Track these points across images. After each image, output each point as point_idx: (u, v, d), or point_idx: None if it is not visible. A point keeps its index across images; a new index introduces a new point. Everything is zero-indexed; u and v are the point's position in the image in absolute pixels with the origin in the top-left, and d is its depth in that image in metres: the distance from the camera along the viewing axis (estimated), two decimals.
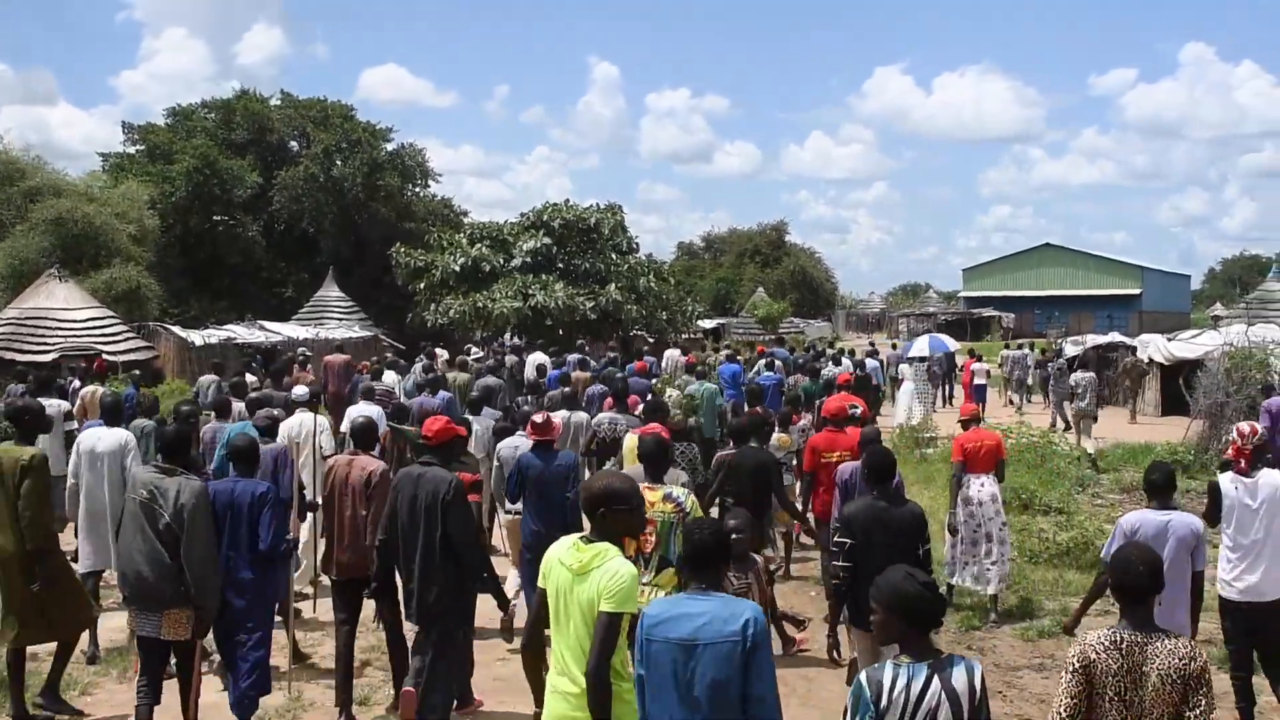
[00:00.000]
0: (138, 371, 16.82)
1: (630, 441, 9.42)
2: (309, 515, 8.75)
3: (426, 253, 36.57)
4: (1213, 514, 7.09)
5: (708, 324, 52.13)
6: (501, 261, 35.41)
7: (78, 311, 27.18)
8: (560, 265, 35.77)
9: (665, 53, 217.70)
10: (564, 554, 4.72)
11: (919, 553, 6.41)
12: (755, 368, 20.73)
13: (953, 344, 29.35)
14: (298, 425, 10.30)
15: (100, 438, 8.96)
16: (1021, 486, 14.07)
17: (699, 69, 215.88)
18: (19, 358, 23.78)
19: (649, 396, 13.53)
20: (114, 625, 9.33)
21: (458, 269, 35.22)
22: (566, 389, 13.91)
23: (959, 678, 3.87)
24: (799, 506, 10.11)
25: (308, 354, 22.32)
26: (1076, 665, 4.24)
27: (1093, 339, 31.05)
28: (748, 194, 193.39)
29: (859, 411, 11.24)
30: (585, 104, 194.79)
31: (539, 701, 4.92)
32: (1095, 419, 19.61)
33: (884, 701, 3.85)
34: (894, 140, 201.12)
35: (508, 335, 33.01)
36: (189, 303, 41.63)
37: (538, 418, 8.50)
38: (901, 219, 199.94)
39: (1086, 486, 15.97)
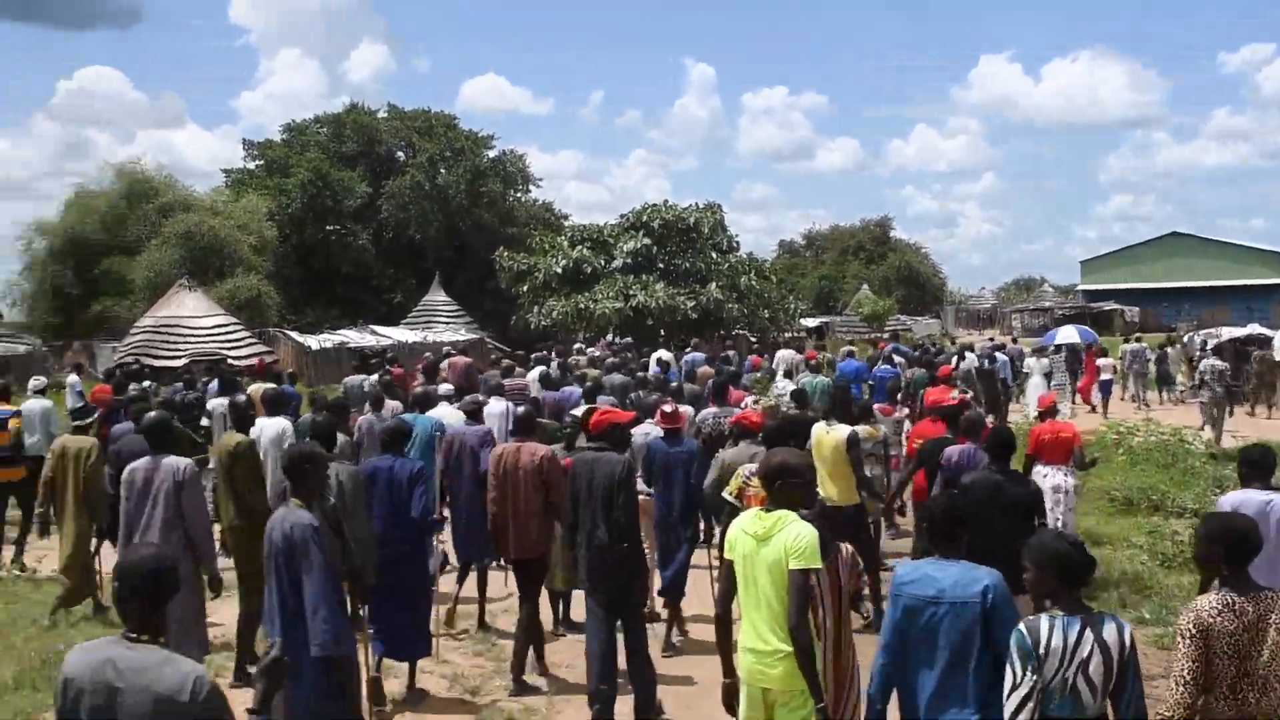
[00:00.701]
0: (293, 371, 18.63)
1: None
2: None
3: (529, 256, 37.21)
4: None
5: (810, 322, 51.99)
6: (602, 263, 35.94)
7: (205, 319, 29.03)
8: (660, 265, 36.04)
9: (761, 51, 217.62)
10: (747, 524, 5.16)
11: (1034, 527, 6.63)
12: (876, 363, 20.50)
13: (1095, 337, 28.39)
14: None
15: (263, 428, 9.97)
16: (1151, 487, 13.58)
17: (796, 66, 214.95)
18: (154, 363, 25.73)
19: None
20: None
21: (560, 271, 35.72)
22: (692, 384, 14.59)
23: (1110, 632, 4.19)
24: (895, 493, 10.76)
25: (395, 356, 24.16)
26: (1194, 631, 4.36)
27: (1228, 332, 29.22)
28: (850, 190, 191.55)
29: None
30: (681, 105, 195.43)
31: (728, 671, 5.19)
32: (1227, 408, 19.27)
33: (1042, 649, 4.18)
34: (1003, 130, 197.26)
35: (609, 335, 33.55)
36: (305, 309, 43.41)
37: (667, 408, 9.11)
38: (1013, 211, 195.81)
39: (1225, 487, 13.56)
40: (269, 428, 10.04)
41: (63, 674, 3.55)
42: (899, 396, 15.12)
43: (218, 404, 12.72)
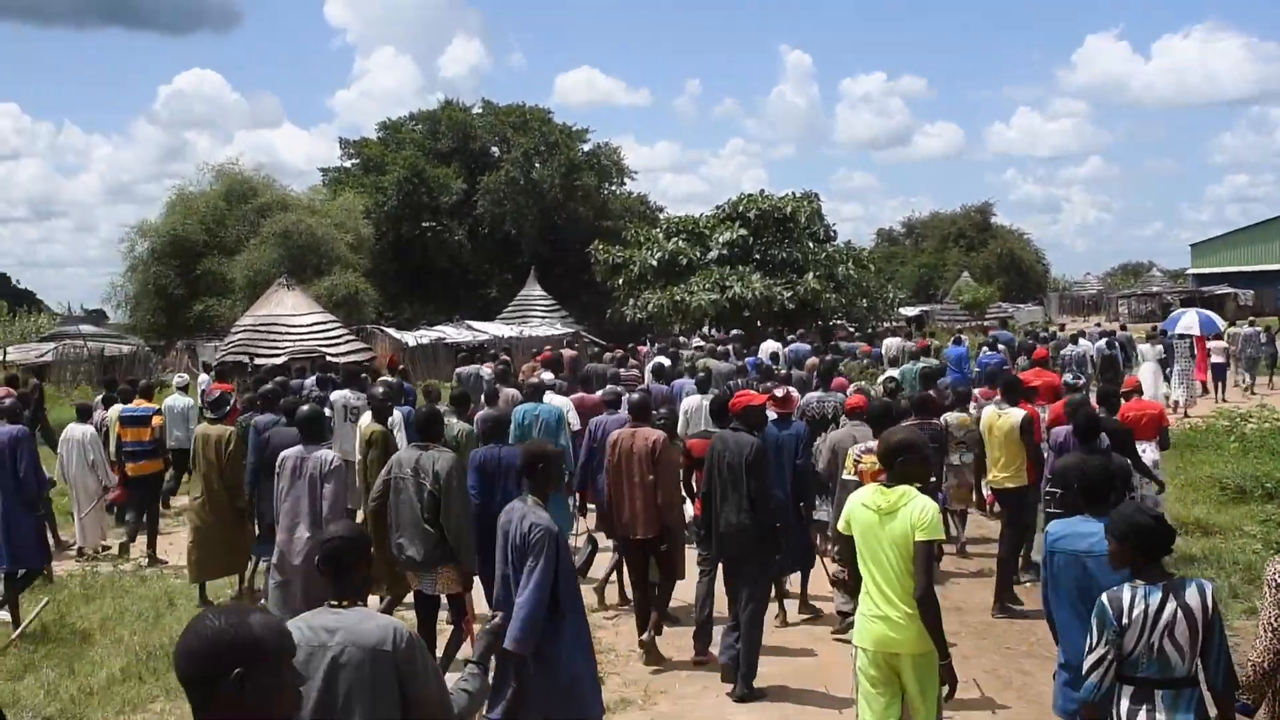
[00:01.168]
0: (403, 367, 18.84)
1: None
2: None
3: (624, 249, 36.99)
4: None
5: (910, 311, 51.08)
6: (698, 255, 35.56)
7: (304, 316, 29.05)
8: (757, 256, 35.53)
9: (858, 36, 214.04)
10: (867, 499, 5.51)
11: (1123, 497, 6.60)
12: (980, 349, 21.12)
13: (1221, 322, 27.30)
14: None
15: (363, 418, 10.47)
16: (1265, 475, 13.15)
17: (895, 51, 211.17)
18: (255, 360, 25.67)
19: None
20: None
21: (655, 264, 35.50)
22: (800, 372, 15.01)
23: (1192, 596, 4.35)
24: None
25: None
26: (1279, 581, 4.57)
27: None
28: (950, 176, 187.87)
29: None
30: (778, 94, 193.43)
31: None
32: None
33: (1125, 620, 4.37)
34: (1109, 112, 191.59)
35: (705, 327, 33.34)
36: (402, 306, 43.63)
37: (779, 392, 9.51)
38: (1120, 195, 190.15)
39: None
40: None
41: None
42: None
43: (339, 396, 13.13)
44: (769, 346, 22.64)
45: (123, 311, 41.05)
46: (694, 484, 9.33)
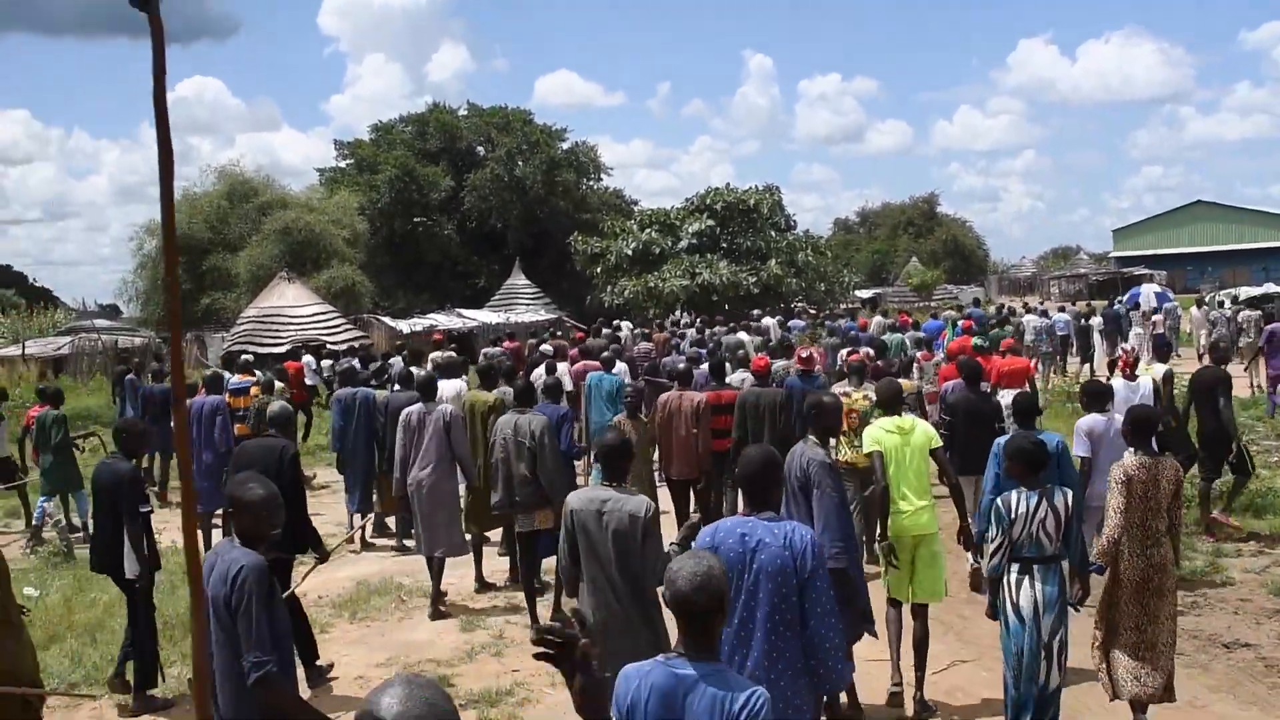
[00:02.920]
0: (454, 345, 19.97)
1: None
2: None
3: (602, 240, 36.99)
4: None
5: (864, 293, 51.18)
6: (670, 244, 35.67)
7: (304, 307, 28.70)
8: (724, 245, 35.71)
9: (815, 41, 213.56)
10: (889, 426, 6.97)
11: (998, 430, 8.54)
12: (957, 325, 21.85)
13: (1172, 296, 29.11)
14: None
15: (443, 387, 10.66)
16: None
17: (848, 54, 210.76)
18: (259, 350, 25.33)
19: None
20: (344, 575, 10.18)
21: (630, 253, 35.62)
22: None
23: (1059, 499, 5.57)
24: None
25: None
26: (1122, 478, 5.90)
27: (1245, 291, 29.76)
28: (900, 170, 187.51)
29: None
30: (742, 94, 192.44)
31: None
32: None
33: (1013, 514, 5.57)
34: (1041, 110, 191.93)
35: (678, 312, 33.26)
36: (396, 296, 43.27)
37: (803, 353, 11.29)
38: (1051, 185, 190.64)
39: (1243, 435, 14.38)
40: (447, 388, 11.04)
41: (568, 507, 5.30)
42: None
43: (395, 363, 14.10)
44: (768, 323, 23.79)
45: (134, 306, 40.23)
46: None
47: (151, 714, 6.97)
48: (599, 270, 36.32)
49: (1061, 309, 27.09)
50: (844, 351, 14.42)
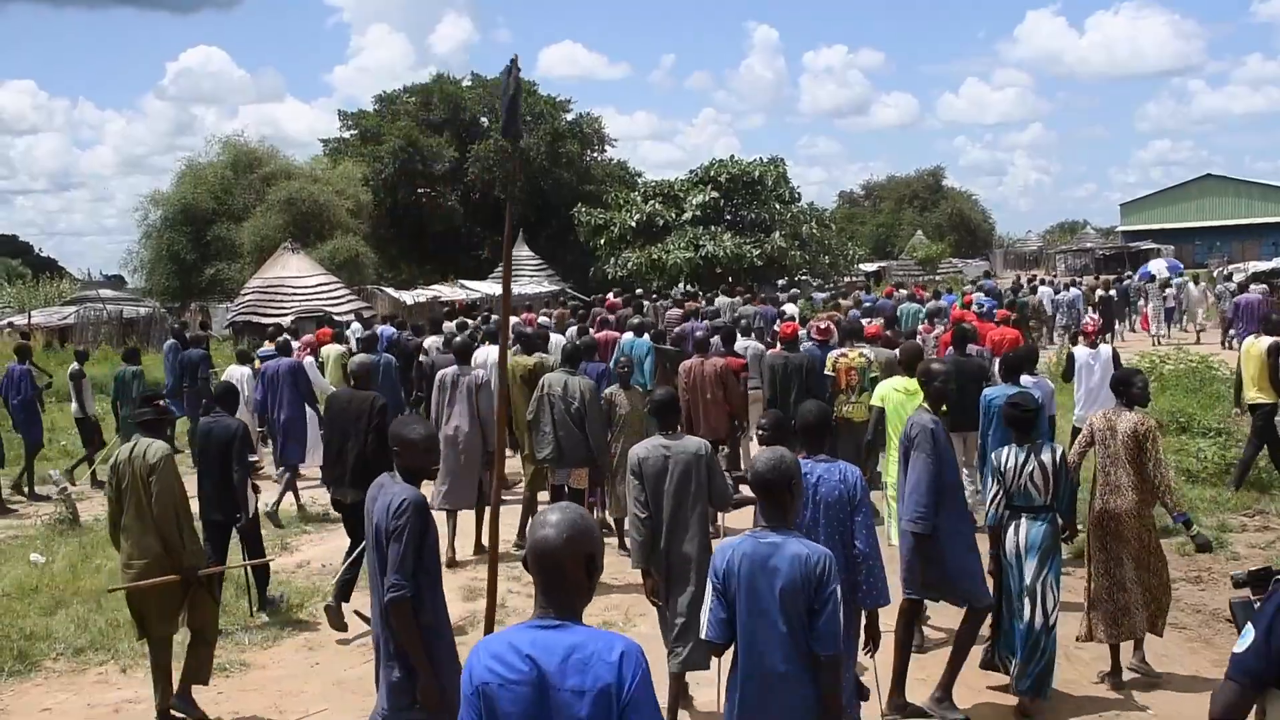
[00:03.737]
0: (486, 312, 20.41)
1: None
2: None
3: (605, 212, 36.78)
4: (1069, 372, 10.92)
5: (869, 267, 51.05)
6: (673, 216, 35.42)
7: (308, 278, 28.75)
8: (728, 217, 35.54)
9: (821, 12, 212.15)
10: (896, 384, 8.03)
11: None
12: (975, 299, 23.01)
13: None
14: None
15: (488, 354, 11.32)
16: (1180, 410, 13.58)
17: (854, 26, 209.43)
18: (263, 320, 25.38)
19: None
20: (348, 544, 10.14)
21: (634, 225, 35.42)
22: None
23: (1046, 454, 6.05)
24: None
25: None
26: (1088, 432, 6.62)
27: (1254, 266, 29.72)
28: (905, 143, 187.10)
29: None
30: (746, 66, 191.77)
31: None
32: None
33: (1004, 468, 6.09)
34: (1048, 82, 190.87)
35: (681, 284, 33.21)
36: (400, 267, 43.21)
37: (821, 324, 12.03)
38: (1058, 158, 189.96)
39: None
40: (491, 354, 11.41)
41: (634, 456, 6.00)
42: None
43: (434, 342, 14.42)
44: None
45: (139, 276, 40.27)
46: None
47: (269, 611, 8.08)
48: (602, 242, 36.16)
49: (1074, 283, 27.99)
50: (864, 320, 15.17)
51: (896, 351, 9.51)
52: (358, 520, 7.44)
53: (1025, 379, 8.54)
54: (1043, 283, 26.37)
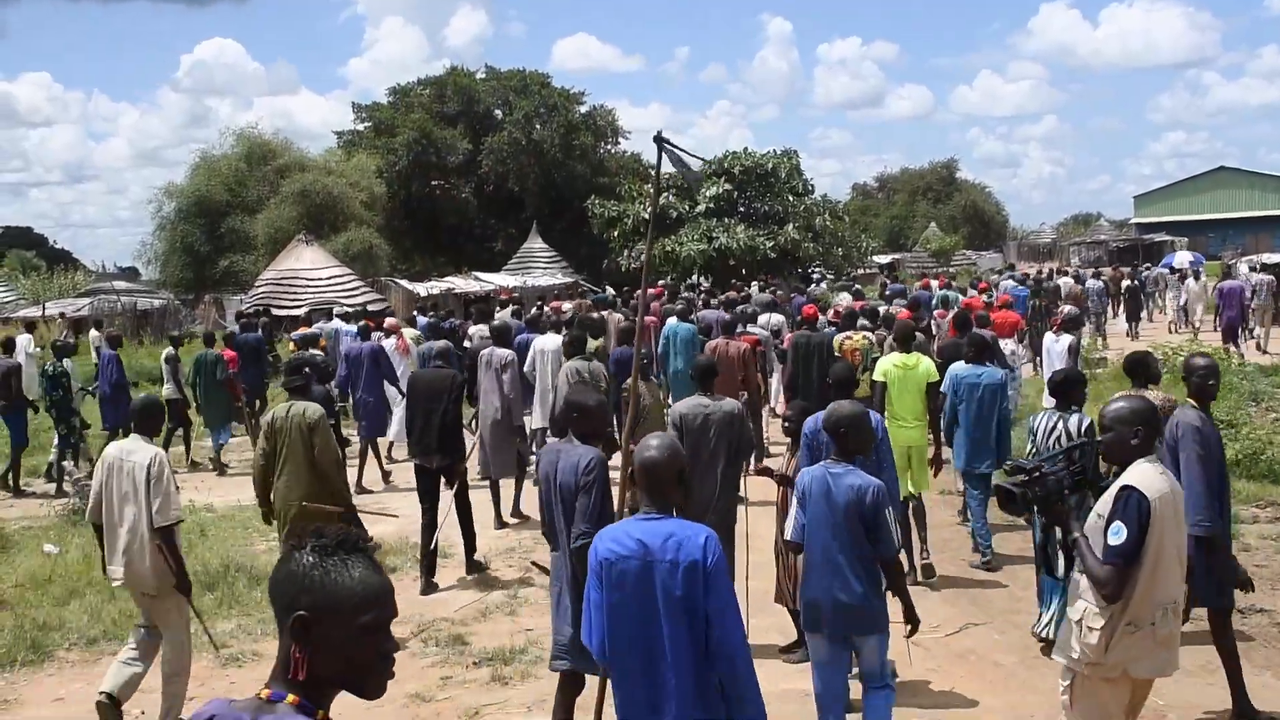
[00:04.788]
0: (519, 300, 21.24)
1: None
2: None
3: (619, 204, 36.63)
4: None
5: (882, 259, 50.89)
6: (687, 208, 35.23)
7: (322, 270, 28.71)
8: (741, 209, 35.28)
9: (834, 3, 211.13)
10: (895, 360, 8.81)
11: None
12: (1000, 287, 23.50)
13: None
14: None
15: (544, 341, 11.83)
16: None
17: (868, 18, 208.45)
18: (278, 312, 25.38)
19: None
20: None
21: (647, 217, 35.31)
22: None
23: (1073, 421, 6.71)
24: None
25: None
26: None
27: (1268, 258, 29.64)
28: (919, 135, 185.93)
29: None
30: (760, 59, 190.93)
31: None
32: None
33: (1038, 432, 6.77)
34: (1062, 74, 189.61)
35: (694, 276, 33.06)
36: (413, 259, 43.26)
37: (841, 307, 14.06)
38: (1072, 151, 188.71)
39: (1261, 400, 14.65)
40: (549, 341, 11.95)
41: (676, 412, 7.11)
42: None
43: (478, 330, 14.75)
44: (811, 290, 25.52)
45: (153, 268, 40.38)
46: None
47: (478, 573, 8.80)
48: (616, 234, 35.97)
49: (1097, 274, 28.48)
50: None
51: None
52: (435, 484, 8.72)
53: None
54: (1061, 274, 26.29)
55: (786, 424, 6.70)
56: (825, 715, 5.05)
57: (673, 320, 14.07)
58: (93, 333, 21.72)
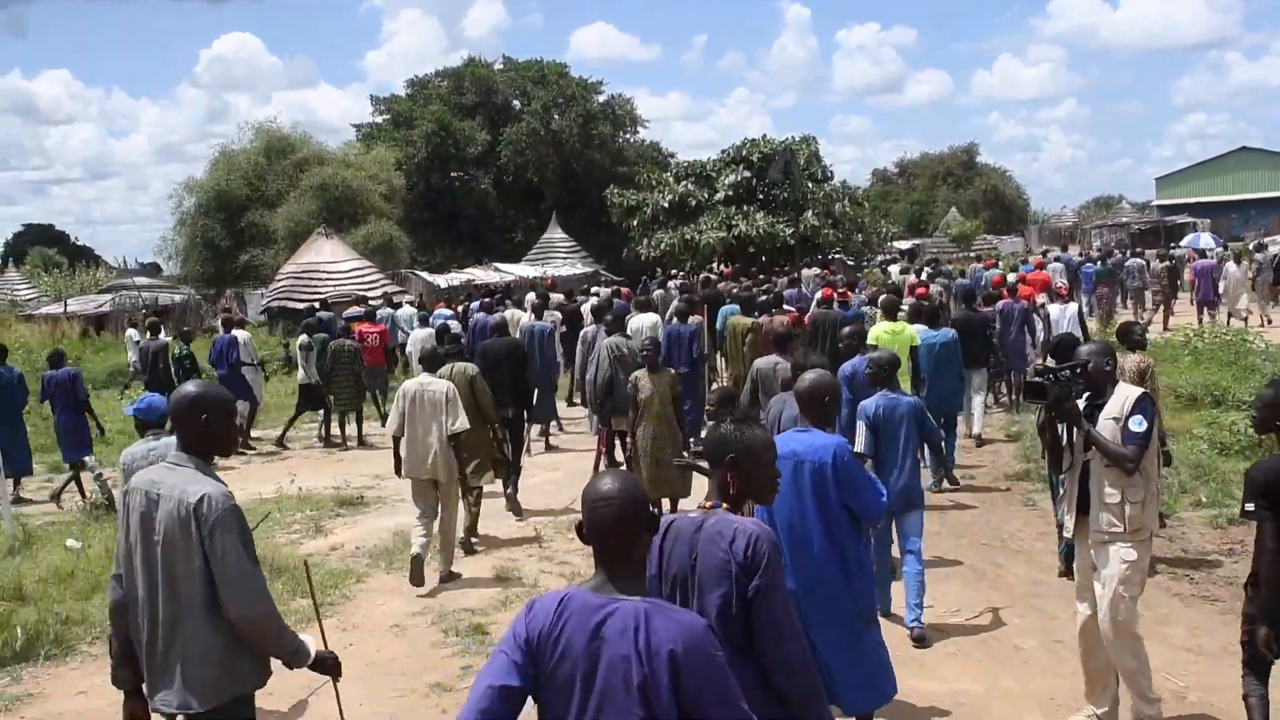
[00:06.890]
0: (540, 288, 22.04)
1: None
2: None
3: (638, 193, 36.66)
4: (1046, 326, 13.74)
5: (903, 244, 50.60)
6: (706, 196, 35.23)
7: (342, 263, 28.85)
8: (760, 196, 35.18)
9: None
10: (883, 328, 10.44)
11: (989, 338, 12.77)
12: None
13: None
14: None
15: (641, 320, 13.92)
16: (1214, 383, 13.46)
17: (886, 2, 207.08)
18: (297, 305, 25.48)
19: None
20: (382, 526, 10.28)
21: (666, 205, 35.30)
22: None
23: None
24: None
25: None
26: None
27: None
28: (938, 119, 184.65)
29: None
30: (779, 45, 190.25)
31: None
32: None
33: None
34: (1082, 57, 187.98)
35: (714, 264, 33.03)
36: (433, 250, 43.21)
37: (826, 292, 15.21)
38: (1092, 133, 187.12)
39: None
40: (645, 320, 14.05)
41: (757, 367, 8.89)
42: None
43: (514, 314, 16.46)
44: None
45: (174, 263, 40.54)
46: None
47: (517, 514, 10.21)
48: (635, 223, 36.04)
49: (1138, 253, 28.64)
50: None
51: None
52: (513, 430, 10.52)
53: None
54: (1135, 254, 27.12)
55: (710, 408, 7.84)
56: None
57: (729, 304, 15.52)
58: (129, 331, 21.91)
